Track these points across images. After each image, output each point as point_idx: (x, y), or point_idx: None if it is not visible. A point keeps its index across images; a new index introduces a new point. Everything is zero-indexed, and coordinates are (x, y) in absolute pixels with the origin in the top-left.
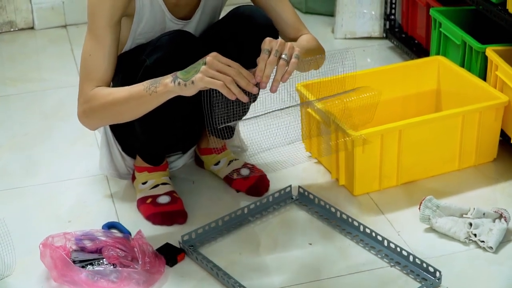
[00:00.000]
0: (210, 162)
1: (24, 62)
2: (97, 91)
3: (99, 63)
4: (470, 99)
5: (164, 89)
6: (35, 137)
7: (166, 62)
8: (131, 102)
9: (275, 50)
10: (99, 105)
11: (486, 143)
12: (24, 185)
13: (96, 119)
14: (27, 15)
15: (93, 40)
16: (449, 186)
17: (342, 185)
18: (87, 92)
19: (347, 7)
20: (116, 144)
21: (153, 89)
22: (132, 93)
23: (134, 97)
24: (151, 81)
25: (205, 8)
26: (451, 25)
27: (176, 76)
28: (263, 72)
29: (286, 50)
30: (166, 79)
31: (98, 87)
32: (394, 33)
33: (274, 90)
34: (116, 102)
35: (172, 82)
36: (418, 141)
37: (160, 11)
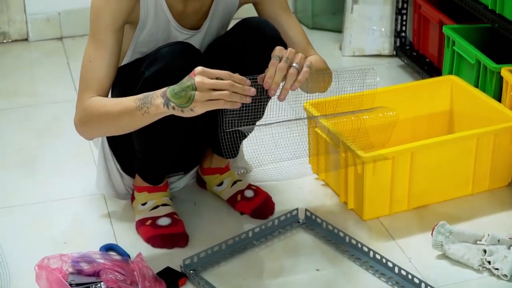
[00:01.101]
0: (213, 183)
1: (17, 75)
2: (94, 101)
3: (99, 69)
4: (484, 120)
5: (156, 111)
6: (29, 154)
7: (165, 74)
8: (124, 118)
9: (286, 58)
10: (94, 116)
11: (501, 166)
12: (18, 204)
13: (91, 129)
14: (21, 26)
15: (94, 46)
16: (463, 211)
17: (351, 208)
18: (84, 100)
19: (356, 23)
20: (115, 162)
21: (145, 109)
22: (125, 110)
23: (127, 114)
24: (143, 99)
25: (213, 19)
26: (465, 44)
27: (168, 99)
28: (273, 79)
29: (298, 59)
30: (156, 100)
31: (96, 96)
32: (405, 51)
33: (283, 99)
34: (110, 116)
35: (165, 106)
36: (431, 164)
37: (164, 19)
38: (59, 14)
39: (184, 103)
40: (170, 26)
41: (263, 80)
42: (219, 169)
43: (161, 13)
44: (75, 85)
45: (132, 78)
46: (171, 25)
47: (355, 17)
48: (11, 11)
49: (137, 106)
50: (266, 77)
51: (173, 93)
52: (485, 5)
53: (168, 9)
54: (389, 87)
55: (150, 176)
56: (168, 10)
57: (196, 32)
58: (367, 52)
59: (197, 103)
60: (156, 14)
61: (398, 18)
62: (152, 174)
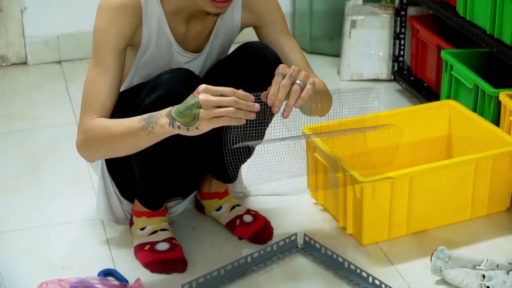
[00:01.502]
0: (212, 208)
1: (15, 98)
2: (96, 122)
3: (101, 91)
4: (483, 145)
5: (161, 131)
6: (27, 178)
7: (165, 101)
8: (128, 138)
9: (289, 75)
10: (96, 138)
11: (499, 191)
12: (16, 229)
13: (94, 151)
14: (19, 50)
15: (97, 68)
16: (461, 236)
17: (350, 233)
18: (86, 122)
19: (354, 47)
20: (114, 188)
21: (150, 129)
22: (129, 130)
23: (130, 134)
24: (147, 119)
25: (214, 42)
26: (463, 68)
27: (173, 118)
28: (276, 96)
29: (301, 77)
30: (161, 120)
31: (98, 118)
32: (403, 75)
33: (286, 116)
34: (113, 136)
35: (170, 126)
36: (429, 189)
37: (167, 42)
38: (58, 37)
39: (189, 121)
40: (172, 49)
41: (266, 97)
42: (218, 194)
43: (163, 36)
44: (74, 109)
45: (133, 104)
46: (173, 48)
47: (353, 42)
48: (10, 34)
49: (142, 126)
50: (270, 94)
51: (178, 112)
52: (484, 29)
53: (171, 32)
54: (387, 112)
55: (149, 201)
56: (170, 33)
57: (197, 55)
58: (365, 77)
59: (202, 121)
60: (158, 37)
61: (396, 43)
62: (151, 198)
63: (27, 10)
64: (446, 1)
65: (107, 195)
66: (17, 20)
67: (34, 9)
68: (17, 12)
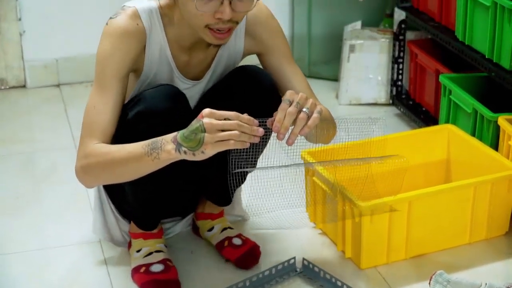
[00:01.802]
0: (205, 228)
1: (15, 121)
2: (96, 148)
3: (103, 116)
4: (482, 169)
5: (167, 157)
6: (26, 201)
7: (146, 116)
8: (130, 164)
9: (296, 102)
10: (96, 164)
11: (498, 215)
12: (14, 252)
13: (93, 176)
14: (18, 73)
15: (99, 93)
16: (460, 260)
17: (349, 257)
18: (86, 147)
19: (352, 72)
20: (111, 207)
21: (155, 155)
22: (132, 156)
23: (133, 160)
24: (151, 145)
25: (216, 69)
26: (462, 93)
27: (178, 143)
28: (282, 123)
29: (308, 104)
30: (167, 146)
31: (98, 143)
32: (401, 99)
33: (291, 143)
34: (115, 162)
35: (177, 151)
36: (428, 213)
37: (168, 69)
38: (57, 61)
39: (195, 146)
40: (173, 76)
41: (272, 123)
42: (211, 215)
43: (165, 62)
44: (72, 132)
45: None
46: (174, 75)
47: (352, 66)
48: (9, 57)
49: (146, 152)
50: (275, 121)
51: (183, 137)
52: (482, 54)
53: (173, 59)
54: (386, 136)
55: (143, 222)
56: (172, 60)
57: (198, 82)
58: (364, 101)
59: (207, 145)
60: (160, 63)
61: (395, 67)
62: (146, 221)
63: (26, 34)
64: (445, 26)
65: (103, 213)
66: (16, 43)
67: (33, 32)
68: (16, 35)
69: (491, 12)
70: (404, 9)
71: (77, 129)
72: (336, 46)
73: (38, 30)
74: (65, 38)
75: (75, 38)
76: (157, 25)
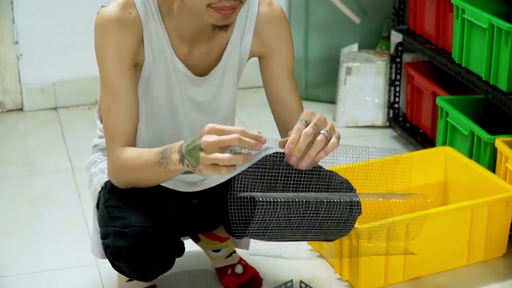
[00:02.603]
0: (210, 247)
1: (11, 144)
2: (122, 153)
3: (119, 117)
4: (479, 192)
5: (174, 167)
6: (22, 224)
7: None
8: (148, 172)
9: (314, 124)
10: (123, 169)
11: (495, 237)
12: (10, 274)
13: (124, 180)
14: (15, 96)
15: (108, 92)
16: (457, 282)
17: (346, 280)
18: (112, 152)
19: (349, 94)
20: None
21: (165, 165)
22: (147, 164)
23: (149, 168)
24: (162, 153)
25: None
26: (459, 115)
27: (183, 155)
28: (296, 144)
29: (328, 127)
30: (173, 155)
31: (123, 147)
32: (398, 122)
33: (304, 166)
34: (134, 170)
35: (181, 163)
36: (426, 235)
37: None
38: (54, 84)
39: (194, 162)
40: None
41: (283, 144)
42: (220, 238)
43: (166, 55)
44: (69, 155)
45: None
46: (177, 68)
47: (349, 88)
48: (6, 81)
49: (158, 161)
50: (288, 142)
51: (186, 149)
52: (479, 76)
53: (174, 51)
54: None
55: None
56: (173, 52)
57: (204, 78)
58: (361, 123)
59: (201, 166)
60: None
61: (391, 89)
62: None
63: (23, 57)
64: (442, 48)
65: None
66: (13, 67)
67: (30, 55)
68: (13, 59)
69: (488, 34)
70: (401, 32)
71: (74, 152)
72: (333, 68)
73: (35, 53)
74: (62, 61)
75: (72, 61)
76: (154, 15)
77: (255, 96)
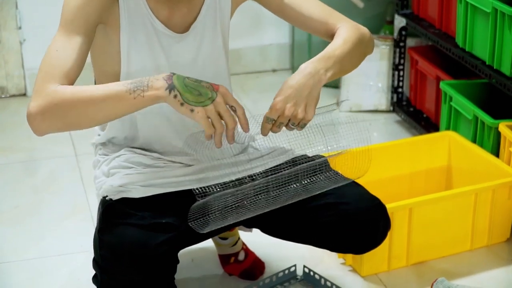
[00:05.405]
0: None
1: (15, 130)
2: (62, 87)
3: (66, 59)
4: (482, 176)
5: (154, 94)
6: (26, 209)
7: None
8: (107, 103)
9: (280, 123)
10: (62, 102)
11: (499, 222)
12: (13, 260)
13: (54, 119)
14: (19, 81)
15: (64, 37)
16: (461, 267)
17: (349, 265)
18: (47, 87)
19: (352, 79)
20: None
21: (140, 92)
22: (111, 93)
23: (112, 99)
24: (136, 82)
25: (205, 22)
26: (462, 99)
27: (174, 85)
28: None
29: (295, 119)
30: (156, 82)
31: (61, 85)
32: (402, 106)
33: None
34: (88, 101)
35: (167, 90)
36: (429, 220)
37: (149, 22)
38: None
39: (191, 100)
40: (156, 30)
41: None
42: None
43: (143, 16)
44: (73, 141)
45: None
46: (156, 29)
47: (352, 73)
48: (9, 66)
49: (128, 89)
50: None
51: (182, 83)
52: (483, 60)
53: (152, 13)
54: (386, 143)
55: None
56: (151, 13)
57: (184, 36)
58: (364, 108)
59: (202, 115)
60: (137, 17)
61: (395, 74)
62: None
63: (26, 42)
64: (445, 32)
65: None
66: (16, 52)
67: (33, 40)
68: (16, 44)
69: (492, 18)
70: (405, 16)
71: (78, 138)
72: None
73: (38, 39)
74: None
75: None
76: None
77: (258, 81)
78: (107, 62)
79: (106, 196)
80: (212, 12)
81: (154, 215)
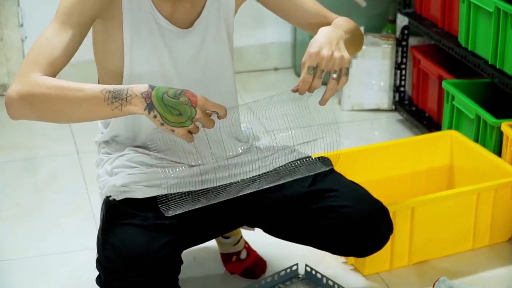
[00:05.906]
0: None
1: (16, 128)
2: (44, 78)
3: (54, 48)
4: (485, 175)
5: (132, 111)
6: (27, 208)
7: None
8: (84, 107)
9: (321, 70)
10: (41, 94)
11: (501, 221)
12: (15, 258)
13: (31, 108)
14: None
15: (57, 27)
16: (463, 266)
17: (351, 264)
18: (31, 75)
19: (354, 77)
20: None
21: (117, 105)
22: (88, 98)
23: (90, 104)
24: (114, 92)
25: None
26: (465, 98)
27: (153, 106)
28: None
29: (336, 65)
30: (135, 100)
31: (44, 76)
32: (404, 105)
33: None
34: (65, 99)
35: (146, 110)
36: (431, 219)
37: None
38: None
39: (171, 122)
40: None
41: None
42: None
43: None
44: (75, 139)
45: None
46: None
47: (354, 72)
48: (11, 63)
49: (106, 98)
50: (299, 89)
51: (161, 103)
52: (485, 60)
53: (156, 8)
54: (388, 142)
55: None
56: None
57: (188, 31)
58: (366, 107)
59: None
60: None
61: (397, 73)
62: None
63: (28, 40)
64: (448, 32)
65: None
66: (18, 49)
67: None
68: (18, 42)
69: (494, 17)
70: (407, 15)
71: (79, 135)
72: None
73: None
74: None
75: None
76: None
77: (260, 79)
78: (108, 59)
79: (110, 196)
80: (216, 8)
81: (157, 216)
